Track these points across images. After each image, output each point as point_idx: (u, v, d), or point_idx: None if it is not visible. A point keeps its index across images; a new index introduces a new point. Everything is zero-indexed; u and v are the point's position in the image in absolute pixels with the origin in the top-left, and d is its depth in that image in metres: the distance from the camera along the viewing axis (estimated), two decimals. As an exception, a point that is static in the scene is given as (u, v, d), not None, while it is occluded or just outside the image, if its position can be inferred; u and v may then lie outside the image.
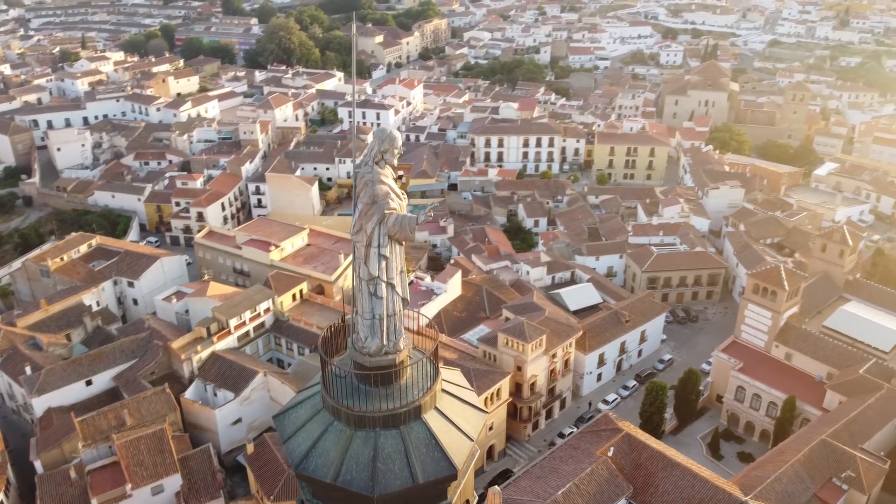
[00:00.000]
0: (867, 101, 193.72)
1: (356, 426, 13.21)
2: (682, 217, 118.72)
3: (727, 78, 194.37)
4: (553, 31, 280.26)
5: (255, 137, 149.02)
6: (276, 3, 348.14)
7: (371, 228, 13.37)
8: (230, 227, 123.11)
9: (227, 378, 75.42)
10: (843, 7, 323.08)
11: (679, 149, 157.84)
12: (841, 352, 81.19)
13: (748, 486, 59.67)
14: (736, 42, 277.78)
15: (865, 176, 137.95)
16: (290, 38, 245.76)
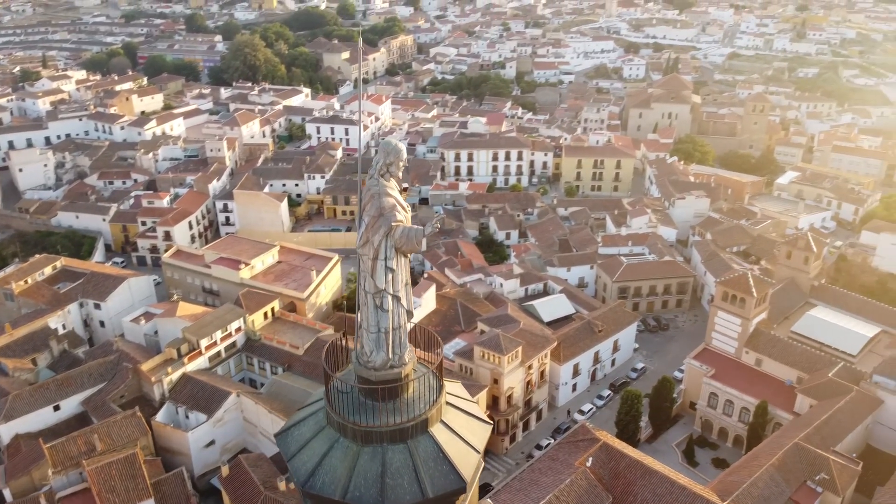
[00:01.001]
0: (825, 111, 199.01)
1: (363, 442, 13.03)
2: (649, 227, 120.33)
3: (689, 91, 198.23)
4: (518, 46, 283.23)
5: (221, 155, 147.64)
6: (240, 20, 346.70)
7: (378, 241, 13.27)
8: (198, 245, 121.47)
9: (199, 400, 74.06)
10: (800, 20, 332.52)
11: (644, 160, 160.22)
12: (809, 356, 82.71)
13: (725, 492, 60.32)
14: (696, 55, 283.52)
15: (826, 184, 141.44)
16: (256, 55, 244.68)
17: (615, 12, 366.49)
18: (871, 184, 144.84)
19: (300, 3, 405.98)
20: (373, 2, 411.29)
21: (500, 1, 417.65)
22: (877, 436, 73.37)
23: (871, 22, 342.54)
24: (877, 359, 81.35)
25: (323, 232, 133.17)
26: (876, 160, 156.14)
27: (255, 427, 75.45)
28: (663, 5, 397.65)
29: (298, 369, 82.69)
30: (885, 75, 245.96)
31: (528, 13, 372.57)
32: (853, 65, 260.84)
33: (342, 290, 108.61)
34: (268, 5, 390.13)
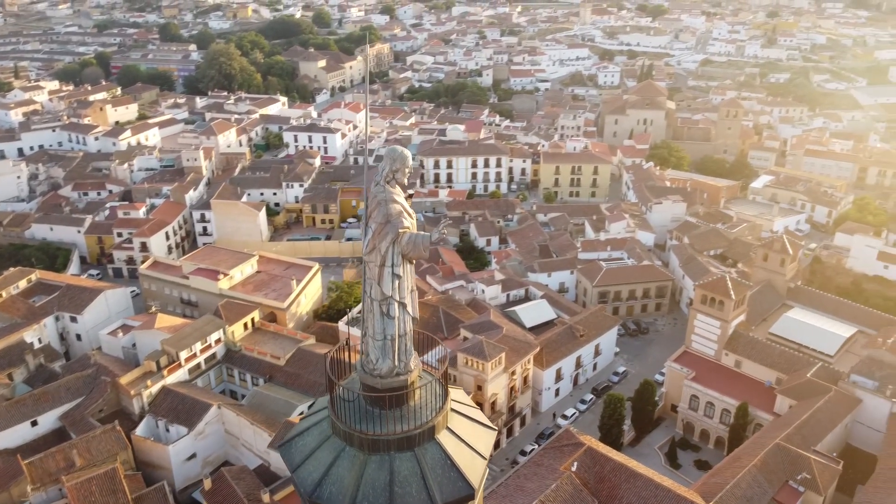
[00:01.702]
0: (797, 116, 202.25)
1: (370, 450, 12.92)
2: (628, 232, 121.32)
3: (664, 97, 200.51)
4: (494, 54, 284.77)
5: (198, 164, 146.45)
6: (214, 30, 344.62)
7: (385, 248, 13.22)
8: (175, 256, 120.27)
9: (180, 412, 73.13)
10: (771, 26, 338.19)
11: (621, 166, 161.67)
12: (788, 357, 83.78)
13: (708, 493, 60.74)
14: (670, 62, 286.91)
15: (799, 187, 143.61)
16: (231, 64, 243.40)
17: (589, 20, 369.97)
18: (843, 186, 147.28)
19: (275, 11, 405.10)
20: (348, 10, 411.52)
21: (475, 9, 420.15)
22: (856, 435, 74.44)
23: (840, 27, 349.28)
24: (854, 359, 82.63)
25: (302, 241, 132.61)
26: (847, 163, 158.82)
27: (237, 439, 74.66)
28: (636, 13, 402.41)
29: (280, 380, 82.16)
30: (855, 80, 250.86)
31: (503, 21, 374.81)
32: (824, 70, 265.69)
33: (323, 300, 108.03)
34: (242, 14, 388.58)
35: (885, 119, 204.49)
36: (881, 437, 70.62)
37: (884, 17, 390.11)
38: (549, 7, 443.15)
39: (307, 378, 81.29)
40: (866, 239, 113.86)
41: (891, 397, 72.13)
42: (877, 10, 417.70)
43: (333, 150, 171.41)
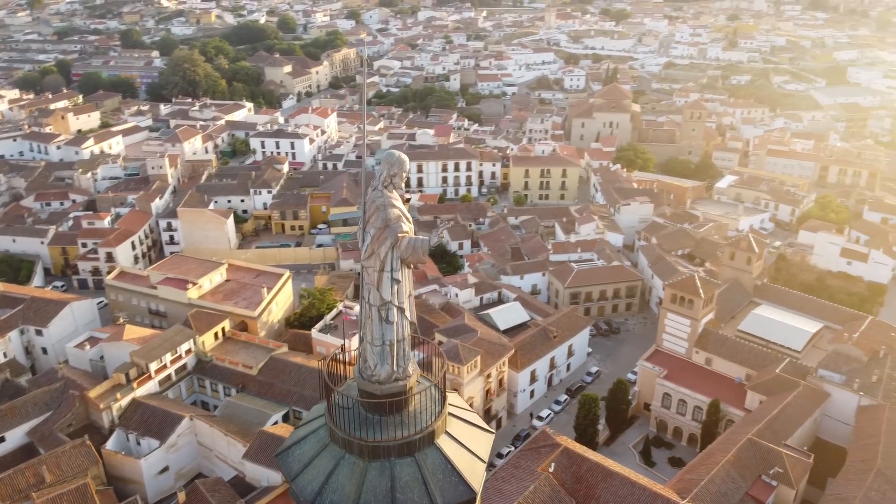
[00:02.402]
0: (759, 117, 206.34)
1: (370, 457, 12.83)
2: (597, 233, 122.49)
3: (629, 100, 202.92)
4: (461, 58, 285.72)
5: (163, 172, 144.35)
6: (177, 36, 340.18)
7: (384, 252, 13.13)
8: (142, 266, 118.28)
9: (151, 425, 71.88)
10: (732, 29, 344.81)
11: (589, 169, 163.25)
12: (757, 353, 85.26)
13: (684, 490, 61.44)
14: (634, 65, 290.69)
15: (763, 186, 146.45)
16: (195, 70, 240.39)
17: (554, 24, 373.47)
18: (805, 185, 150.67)
19: (239, 17, 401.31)
20: (313, 16, 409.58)
21: (441, 14, 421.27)
22: (825, 428, 75.96)
23: (799, 29, 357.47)
24: (820, 354, 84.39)
25: (272, 248, 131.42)
26: (809, 162, 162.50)
27: (210, 451, 73.59)
28: (600, 17, 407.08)
29: (253, 389, 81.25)
30: (815, 80, 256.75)
31: (469, 26, 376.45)
32: (784, 71, 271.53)
33: (295, 307, 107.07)
34: (206, 20, 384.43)
35: (844, 119, 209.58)
36: (849, 429, 72.14)
37: (841, 19, 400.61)
38: (513, 11, 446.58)
39: (280, 387, 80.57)
40: (829, 236, 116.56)
41: (858, 391, 73.77)
42: (834, 12, 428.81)
43: (302, 155, 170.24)
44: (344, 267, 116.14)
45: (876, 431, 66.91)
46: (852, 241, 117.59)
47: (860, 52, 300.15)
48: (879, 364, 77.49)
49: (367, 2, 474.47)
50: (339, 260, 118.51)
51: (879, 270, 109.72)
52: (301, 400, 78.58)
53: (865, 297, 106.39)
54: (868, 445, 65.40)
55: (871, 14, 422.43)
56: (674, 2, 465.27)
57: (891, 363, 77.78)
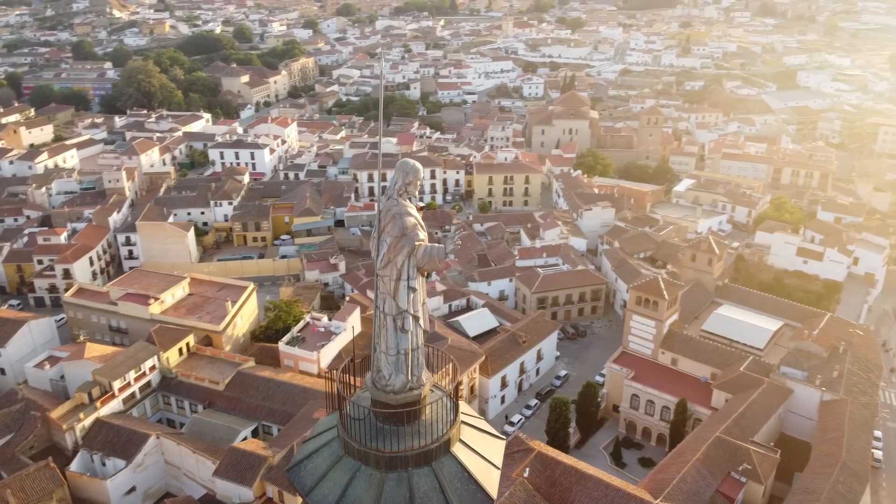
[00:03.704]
0: (713, 121, 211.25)
1: (387, 468, 12.71)
2: (561, 239, 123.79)
3: (587, 107, 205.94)
4: (420, 67, 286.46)
5: (120, 185, 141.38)
6: (131, 46, 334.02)
7: (401, 261, 13.03)
8: (101, 282, 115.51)
9: (116, 445, 70.04)
10: (684, 36, 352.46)
11: (550, 175, 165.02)
12: (721, 353, 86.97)
13: (656, 490, 62.20)
14: (591, 73, 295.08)
15: (720, 189, 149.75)
16: (150, 81, 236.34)
17: (511, 33, 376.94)
18: (760, 187, 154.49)
19: (194, 27, 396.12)
20: (270, 25, 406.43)
21: (399, 23, 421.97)
22: (789, 424, 77.76)
23: (749, 35, 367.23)
24: (782, 351, 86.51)
25: (234, 260, 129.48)
26: (763, 165, 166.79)
27: (178, 469, 72.01)
28: (556, 25, 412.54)
29: (220, 405, 79.85)
30: (766, 85, 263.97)
31: (427, 35, 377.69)
32: (736, 76, 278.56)
33: (260, 320, 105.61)
34: (159, 30, 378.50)
35: (795, 122, 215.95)
36: (813, 424, 73.97)
37: (790, 24, 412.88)
38: (471, 20, 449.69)
39: (249, 402, 79.35)
40: (785, 236, 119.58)
41: (819, 386, 75.77)
42: (783, 18, 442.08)
43: (262, 165, 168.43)
44: (309, 278, 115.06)
45: (839, 425, 68.76)
46: (807, 240, 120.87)
47: (809, 57, 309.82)
48: (839, 360, 79.75)
49: (324, 11, 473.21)
50: (304, 271, 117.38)
51: (834, 269, 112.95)
52: (270, 414, 77.51)
53: (822, 295, 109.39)
54: (832, 439, 67.15)
55: (818, 19, 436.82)
56: (627, 10, 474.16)
57: (850, 358, 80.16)
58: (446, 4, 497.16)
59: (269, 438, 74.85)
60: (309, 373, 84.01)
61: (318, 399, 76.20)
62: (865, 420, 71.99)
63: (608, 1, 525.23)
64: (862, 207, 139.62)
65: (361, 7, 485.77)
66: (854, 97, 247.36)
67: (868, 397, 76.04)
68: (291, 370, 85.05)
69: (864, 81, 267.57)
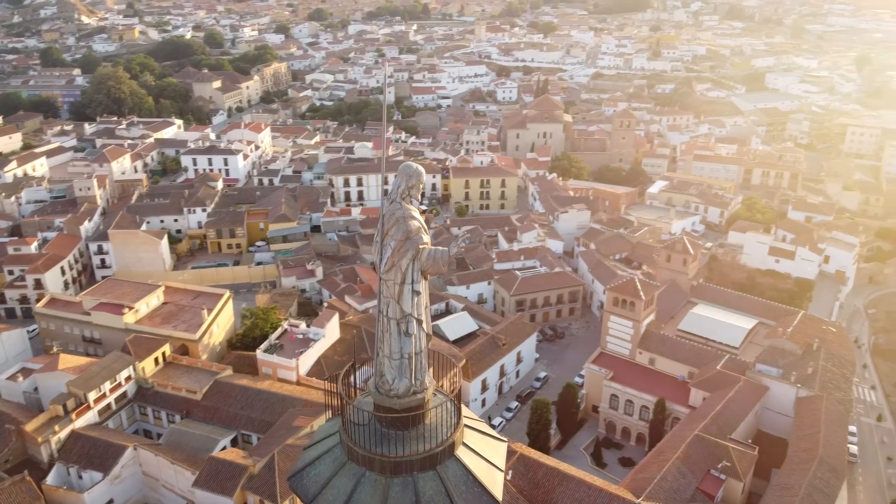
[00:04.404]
0: (684, 123, 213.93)
1: (392, 473, 12.60)
2: (538, 241, 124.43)
3: (560, 110, 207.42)
4: (394, 72, 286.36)
5: (91, 193, 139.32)
6: (100, 53, 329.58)
7: (406, 265, 12.98)
8: (73, 292, 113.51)
9: (93, 457, 68.84)
10: (655, 39, 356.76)
11: (526, 178, 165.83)
12: (698, 351, 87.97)
13: (637, 489, 62.60)
14: (563, 77, 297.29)
15: (692, 190, 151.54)
16: (120, 88, 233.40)
17: (484, 38, 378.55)
18: (731, 188, 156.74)
19: (164, 33, 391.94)
20: (241, 30, 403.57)
21: (371, 28, 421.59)
22: (766, 421, 78.79)
23: (718, 38, 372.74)
24: (757, 349, 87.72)
25: (209, 268, 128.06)
26: (734, 166, 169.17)
27: (156, 481, 70.97)
28: (529, 30, 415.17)
29: (198, 415, 78.92)
30: (735, 87, 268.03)
31: (400, 39, 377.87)
32: (705, 79, 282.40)
33: (237, 328, 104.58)
34: (129, 36, 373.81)
35: (764, 123, 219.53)
36: (789, 421, 75.04)
37: (758, 27, 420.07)
38: (444, 25, 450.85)
39: (227, 411, 78.51)
40: (757, 236, 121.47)
41: (795, 383, 76.93)
42: (750, 21, 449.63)
43: (236, 171, 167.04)
44: (286, 284, 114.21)
45: (815, 421, 69.87)
46: (779, 239, 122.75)
47: (777, 59, 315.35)
48: (814, 356, 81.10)
49: (296, 16, 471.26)
50: (281, 277, 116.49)
51: (806, 267, 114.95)
52: (250, 423, 76.77)
53: (794, 293, 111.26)
54: (809, 435, 68.21)
55: (785, 22, 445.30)
56: (597, 14, 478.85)
57: (824, 355, 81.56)
58: (418, 9, 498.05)
59: (248, 447, 74.09)
60: (288, 380, 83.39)
61: (298, 407, 75.66)
62: (841, 416, 73.27)
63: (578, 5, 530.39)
64: (831, 206, 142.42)
65: (333, 12, 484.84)
66: (821, 98, 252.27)
67: (842, 393, 77.41)
68: (270, 378, 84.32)
69: (831, 83, 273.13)
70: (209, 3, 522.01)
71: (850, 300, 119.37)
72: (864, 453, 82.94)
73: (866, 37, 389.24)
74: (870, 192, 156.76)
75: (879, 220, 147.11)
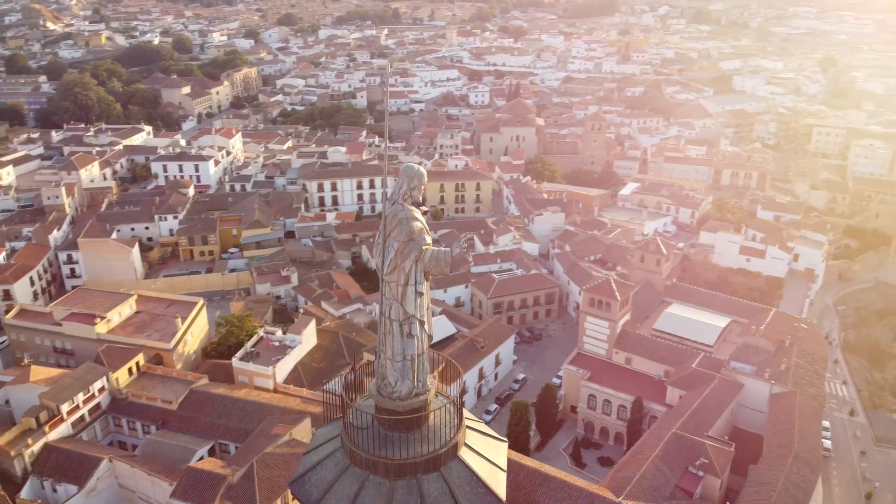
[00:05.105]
0: (654, 126, 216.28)
1: (396, 476, 12.53)
2: (514, 244, 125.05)
3: (533, 114, 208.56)
4: (366, 76, 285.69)
5: (60, 202, 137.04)
6: (66, 59, 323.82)
7: (409, 266, 12.95)
8: (43, 302, 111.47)
9: (67, 470, 67.58)
10: (624, 43, 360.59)
11: (500, 181, 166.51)
12: (673, 350, 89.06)
13: (618, 488, 63.18)
14: (534, 80, 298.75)
15: (664, 191, 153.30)
16: (87, 94, 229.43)
17: (456, 42, 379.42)
18: (702, 188, 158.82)
19: (131, 38, 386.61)
20: (210, 35, 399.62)
21: (342, 32, 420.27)
22: (741, 417, 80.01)
23: (685, 42, 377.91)
24: (731, 347, 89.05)
25: (181, 276, 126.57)
26: (703, 167, 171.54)
27: (133, 493, 69.82)
28: (499, 34, 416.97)
29: (174, 425, 77.86)
30: (703, 90, 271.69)
31: (371, 44, 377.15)
32: (674, 82, 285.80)
33: (211, 336, 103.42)
34: (95, 42, 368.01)
35: (732, 124, 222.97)
36: (764, 417, 76.30)
37: (724, 31, 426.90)
38: (414, 29, 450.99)
39: (204, 420, 77.59)
40: (728, 235, 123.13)
41: (769, 380, 78.25)
42: (717, 24, 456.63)
43: (207, 178, 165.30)
44: (260, 291, 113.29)
45: (789, 417, 71.08)
46: (749, 239, 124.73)
47: (743, 62, 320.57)
48: (786, 353, 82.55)
49: (266, 20, 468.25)
50: (255, 284, 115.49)
51: (776, 265, 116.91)
52: (227, 432, 75.94)
53: (766, 291, 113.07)
54: (783, 431, 69.37)
55: (751, 25, 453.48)
56: (567, 18, 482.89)
57: (797, 352, 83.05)
58: (389, 13, 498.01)
59: (226, 457, 73.23)
60: (265, 388, 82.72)
61: (276, 415, 75.05)
62: (814, 411, 74.66)
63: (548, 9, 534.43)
64: (800, 205, 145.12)
65: (303, 16, 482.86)
66: (788, 100, 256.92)
67: (815, 388, 78.89)
68: (246, 386, 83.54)
69: (797, 84, 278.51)
70: (177, 9, 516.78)
71: (819, 297, 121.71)
72: (837, 448, 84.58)
73: (831, 39, 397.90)
74: (836, 191, 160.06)
75: (846, 218, 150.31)
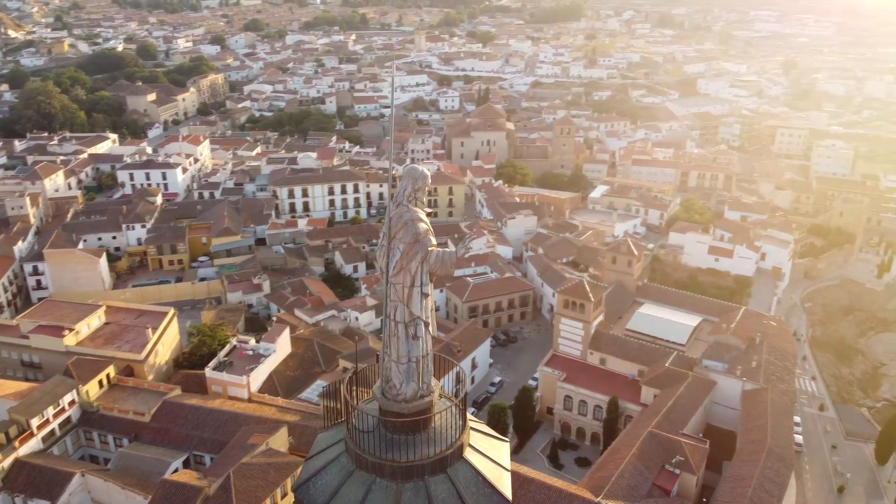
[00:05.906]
0: (622, 129, 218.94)
1: (403, 479, 12.51)
2: (488, 248, 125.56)
3: (503, 118, 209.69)
4: (335, 81, 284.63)
5: (24, 212, 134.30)
6: (28, 67, 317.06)
7: (415, 268, 12.96)
8: (9, 315, 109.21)
9: (39, 486, 66.07)
10: (590, 48, 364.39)
11: (472, 186, 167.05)
12: (646, 350, 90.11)
13: (596, 488, 63.72)
14: (503, 85, 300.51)
15: (632, 194, 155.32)
16: (51, 103, 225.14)
17: (425, 47, 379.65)
18: (669, 190, 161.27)
19: (94, 45, 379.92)
20: (175, 41, 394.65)
21: (310, 38, 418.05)
22: (714, 414, 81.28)
23: (651, 46, 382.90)
24: (702, 345, 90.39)
25: (151, 285, 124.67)
26: (670, 169, 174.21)
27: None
28: (468, 39, 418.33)
29: (147, 438, 76.56)
30: (669, 93, 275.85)
31: (339, 49, 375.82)
32: (640, 86, 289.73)
33: (183, 346, 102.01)
34: (58, 49, 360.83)
35: (697, 127, 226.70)
36: (737, 414, 77.59)
37: (688, 35, 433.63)
38: (383, 35, 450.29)
39: (177, 432, 76.40)
40: (697, 236, 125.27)
41: (741, 377, 79.60)
42: (681, 28, 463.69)
43: (175, 185, 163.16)
44: (232, 300, 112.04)
45: (762, 413, 72.36)
46: (717, 239, 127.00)
47: (707, 65, 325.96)
48: (757, 350, 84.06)
49: (231, 27, 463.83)
50: (226, 293, 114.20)
51: (744, 264, 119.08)
52: (202, 443, 74.91)
53: (734, 290, 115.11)
54: (756, 427, 70.59)
55: (714, 29, 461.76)
56: (534, 23, 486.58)
57: (767, 349, 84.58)
58: (357, 19, 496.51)
59: (201, 468, 72.23)
60: (239, 398, 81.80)
61: (252, 424, 74.24)
62: (785, 407, 76.10)
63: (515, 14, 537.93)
64: (765, 205, 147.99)
65: (270, 22, 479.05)
66: (751, 102, 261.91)
67: (786, 384, 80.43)
68: (220, 396, 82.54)
69: (760, 87, 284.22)
70: (140, 15, 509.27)
71: (787, 295, 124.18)
72: (808, 442, 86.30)
73: (792, 41, 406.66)
74: (800, 191, 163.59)
75: (811, 217, 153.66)
